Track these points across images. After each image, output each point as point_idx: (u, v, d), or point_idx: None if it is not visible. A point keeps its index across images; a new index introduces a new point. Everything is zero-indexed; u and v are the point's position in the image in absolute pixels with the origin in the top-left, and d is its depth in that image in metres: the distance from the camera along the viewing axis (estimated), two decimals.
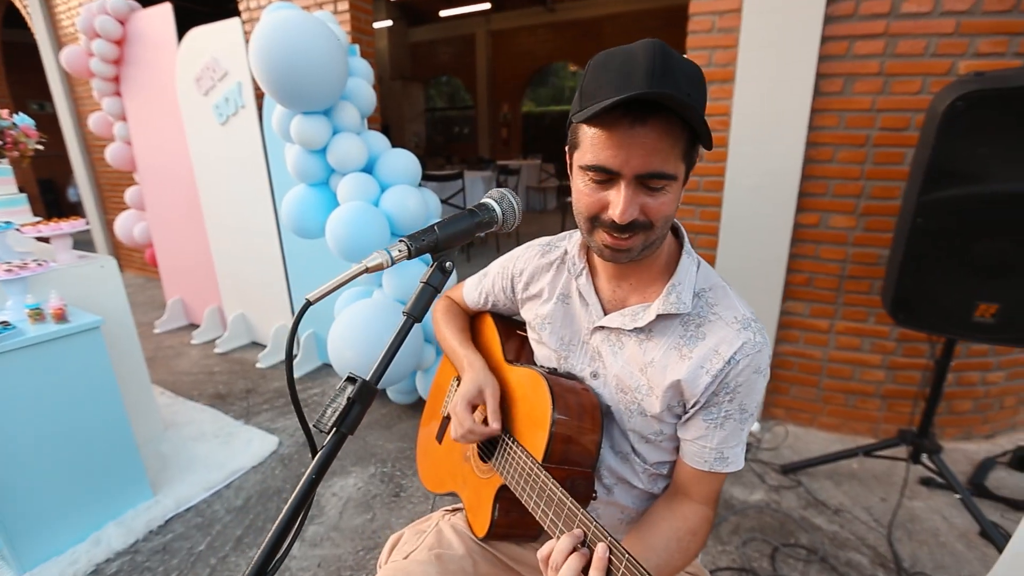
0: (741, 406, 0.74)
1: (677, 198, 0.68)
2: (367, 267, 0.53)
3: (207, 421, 2.52)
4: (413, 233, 0.58)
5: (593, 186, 0.67)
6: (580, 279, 0.83)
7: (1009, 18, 1.76)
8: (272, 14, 1.79)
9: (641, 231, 0.67)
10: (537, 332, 0.91)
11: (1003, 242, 1.39)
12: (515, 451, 0.80)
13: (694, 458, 0.77)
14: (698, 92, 0.63)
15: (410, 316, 0.57)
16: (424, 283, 0.59)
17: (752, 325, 0.73)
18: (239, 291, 3.39)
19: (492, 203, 0.65)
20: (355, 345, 1.95)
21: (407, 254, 0.56)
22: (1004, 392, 2.22)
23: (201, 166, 3.20)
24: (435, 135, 12.90)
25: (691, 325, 0.74)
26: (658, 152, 0.62)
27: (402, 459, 2.23)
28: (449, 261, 0.60)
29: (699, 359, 0.72)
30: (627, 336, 0.78)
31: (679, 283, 0.75)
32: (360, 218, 1.90)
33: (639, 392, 0.77)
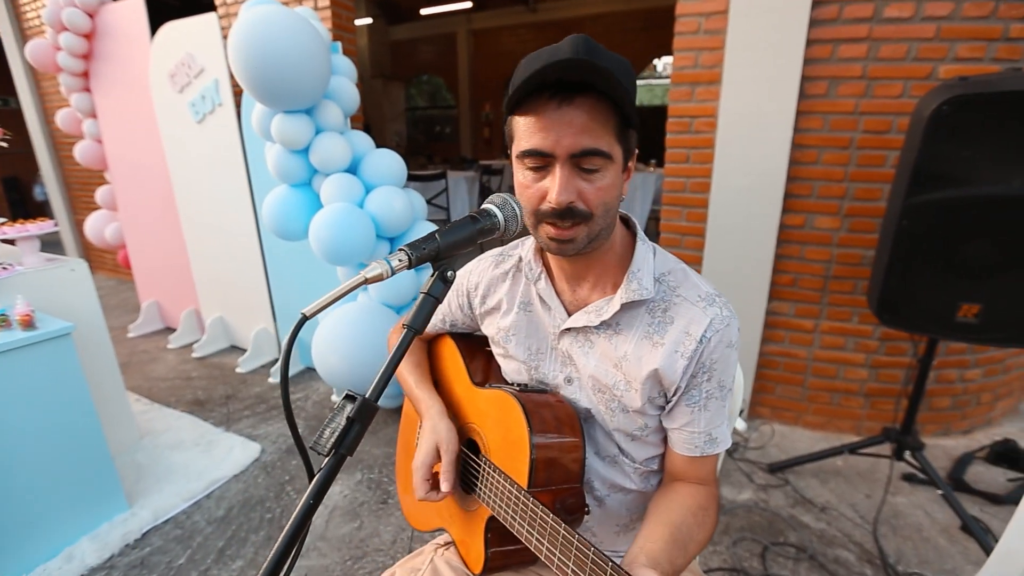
0: (720, 383, 0.74)
1: (616, 185, 0.68)
2: (366, 278, 0.50)
3: (185, 428, 2.44)
4: (413, 241, 0.55)
5: (531, 176, 0.67)
6: (539, 283, 0.82)
7: (987, 24, 1.80)
8: (252, 9, 1.74)
9: (582, 221, 0.67)
10: (502, 346, 0.88)
11: (985, 244, 1.42)
12: (497, 479, 0.76)
13: (684, 446, 0.77)
14: (626, 78, 0.64)
15: (411, 329, 0.54)
16: (425, 294, 0.56)
17: (717, 300, 0.73)
18: (218, 293, 3.30)
19: (494, 209, 0.62)
20: (340, 350, 1.90)
21: (407, 264, 0.53)
22: (981, 389, 2.28)
23: (177, 165, 3.10)
24: (416, 134, 12.79)
25: (657, 311, 0.74)
26: (588, 130, 0.62)
27: (389, 464, 2.19)
28: (451, 270, 0.57)
29: (672, 344, 0.72)
30: (595, 333, 0.77)
31: (638, 269, 0.75)
32: (345, 220, 1.86)
33: (617, 388, 0.76)
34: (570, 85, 0.62)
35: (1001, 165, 1.35)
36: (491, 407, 0.83)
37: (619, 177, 0.69)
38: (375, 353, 1.93)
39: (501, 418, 0.79)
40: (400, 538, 1.79)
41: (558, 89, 0.63)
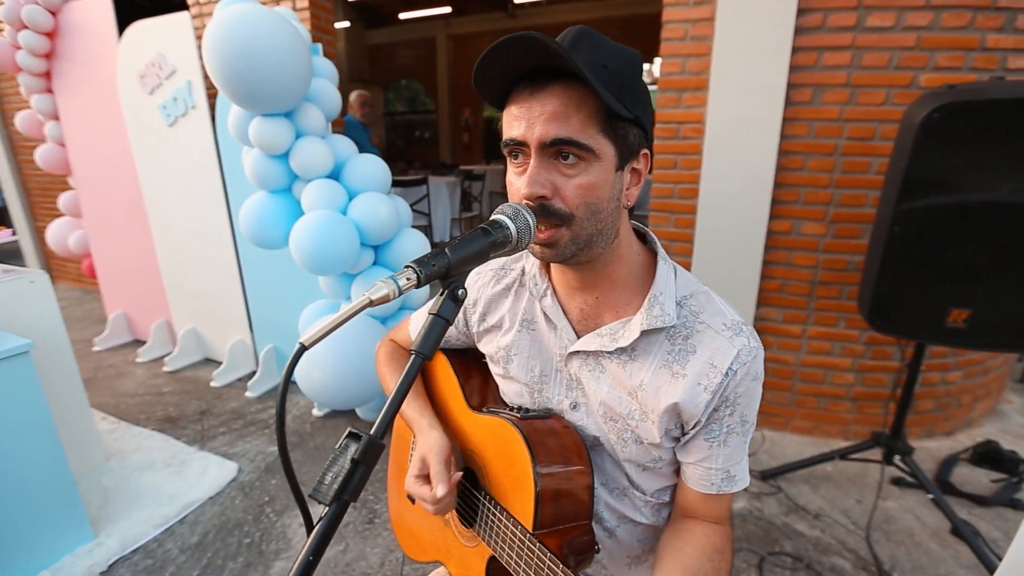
0: (743, 418, 0.69)
1: (605, 185, 0.62)
2: (371, 300, 0.44)
3: (156, 448, 2.31)
4: (422, 257, 0.49)
5: (513, 170, 0.64)
6: (545, 300, 0.76)
7: (965, 34, 1.84)
8: (229, 8, 1.66)
9: (563, 222, 0.62)
10: (502, 366, 0.82)
11: (974, 250, 1.43)
12: (499, 519, 0.71)
13: (699, 482, 0.71)
14: (623, 67, 0.61)
15: (419, 354, 0.49)
16: (435, 315, 0.51)
17: (744, 329, 0.68)
18: (190, 304, 3.16)
19: (505, 220, 0.57)
20: (323, 364, 1.82)
21: (416, 282, 0.48)
22: (962, 391, 2.32)
23: (146, 170, 2.96)
24: (395, 139, 12.67)
25: (678, 338, 0.68)
26: (561, 117, 0.58)
27: (375, 481, 2.10)
28: (461, 288, 0.52)
29: (694, 376, 0.66)
30: (608, 358, 0.71)
31: (660, 293, 0.68)
32: (328, 228, 1.78)
33: (632, 419, 0.70)
34: (547, 72, 0.60)
35: (989, 172, 1.36)
36: (490, 436, 0.77)
37: (609, 176, 0.62)
38: (360, 367, 1.85)
39: (502, 448, 0.73)
40: (388, 560, 1.71)
41: (536, 77, 0.60)
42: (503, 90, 0.65)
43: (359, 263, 1.97)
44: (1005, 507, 1.92)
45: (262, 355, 2.85)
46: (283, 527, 1.86)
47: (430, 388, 0.95)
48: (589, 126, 0.59)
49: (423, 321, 0.98)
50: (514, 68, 0.61)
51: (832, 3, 1.89)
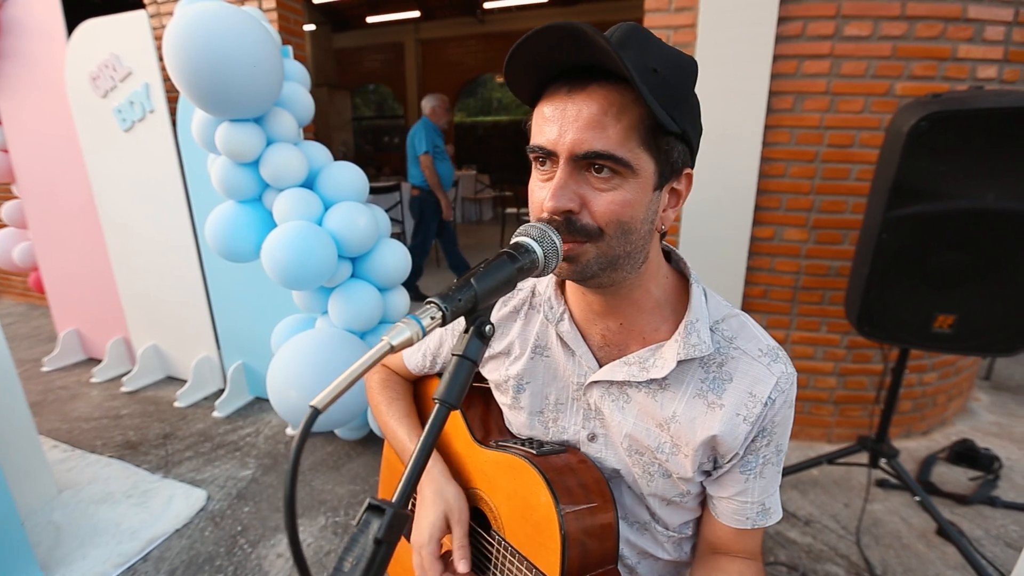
0: (778, 447, 0.65)
1: (640, 204, 0.56)
2: (392, 346, 0.37)
3: (115, 477, 2.14)
4: (445, 291, 0.42)
5: (540, 180, 0.58)
6: (562, 325, 0.69)
7: (937, 44, 1.89)
8: (192, 6, 1.54)
9: (589, 238, 0.56)
10: (511, 395, 0.75)
11: (960, 256, 1.45)
12: (518, 567, 0.64)
13: (733, 517, 0.67)
14: (675, 73, 0.55)
15: (444, 403, 0.42)
16: (461, 356, 0.44)
17: (780, 355, 0.64)
18: (151, 319, 2.97)
19: (531, 243, 0.51)
20: (301, 384, 1.71)
21: (441, 320, 0.41)
22: (937, 391, 2.37)
23: (100, 177, 2.77)
24: (363, 144, 12.45)
25: (712, 366, 0.64)
26: (598, 126, 0.52)
27: (356, 504, 2.00)
28: (489, 324, 0.45)
29: (733, 406, 0.62)
30: (635, 388, 0.66)
31: (696, 319, 0.63)
32: (303, 240, 1.68)
33: (661, 452, 0.65)
34: (588, 71, 0.53)
35: (975, 180, 1.38)
36: (502, 474, 0.70)
37: (645, 195, 0.56)
38: None
39: (517, 489, 0.67)
40: None
41: (571, 75, 0.54)
42: (536, 86, 0.57)
43: (336, 276, 1.87)
44: (984, 505, 1.97)
45: (230, 372, 2.70)
46: (258, 559, 1.73)
47: (426, 417, 0.88)
48: (629, 138, 0.53)
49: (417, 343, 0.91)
50: (551, 61, 0.54)
51: (812, 12, 1.91)
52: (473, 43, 10.42)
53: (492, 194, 8.91)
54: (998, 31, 1.88)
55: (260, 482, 2.13)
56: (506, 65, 0.54)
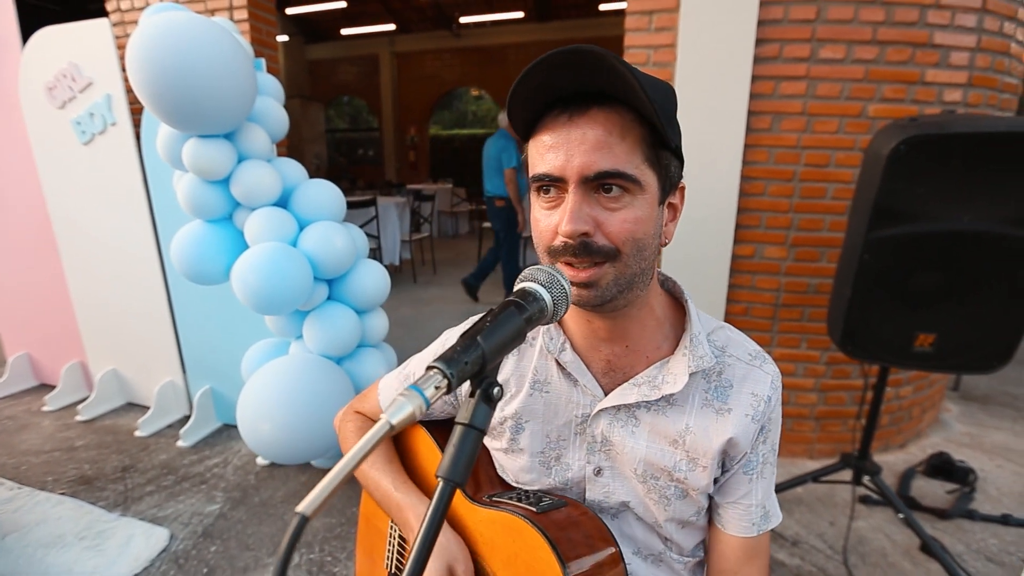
0: (773, 445, 0.68)
1: (650, 220, 0.57)
2: (392, 425, 0.32)
3: (67, 517, 1.98)
4: (449, 353, 0.37)
5: (544, 207, 0.59)
6: (564, 355, 0.67)
7: (906, 68, 1.94)
8: (158, 16, 1.46)
9: (606, 259, 0.56)
10: (508, 438, 0.72)
11: (939, 276, 1.47)
12: None
13: (739, 524, 0.67)
14: (661, 94, 0.56)
15: (450, 481, 0.37)
16: (467, 425, 0.39)
17: (765, 356, 0.69)
18: (110, 342, 2.80)
19: (539, 290, 0.47)
20: (273, 416, 1.61)
21: (447, 388, 0.36)
22: (912, 404, 2.42)
23: (56, 193, 2.62)
24: (337, 157, 12.29)
25: (712, 375, 0.66)
26: (604, 146, 0.53)
27: (332, 539, 1.89)
28: (497, 386, 0.41)
29: (741, 408, 0.64)
30: (643, 409, 0.65)
31: (698, 332, 0.66)
32: (277, 262, 1.59)
33: (678, 471, 0.64)
34: (584, 97, 0.54)
35: (951, 202, 1.40)
36: (499, 535, 0.65)
37: (653, 210, 0.58)
38: (318, 420, 1.66)
39: (518, 553, 0.61)
40: None
41: (570, 102, 0.55)
42: (531, 117, 0.57)
43: (312, 299, 1.79)
44: (963, 518, 2.00)
45: (197, 398, 2.56)
46: None
47: (411, 469, 0.81)
48: (634, 155, 0.55)
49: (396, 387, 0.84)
50: (552, 89, 0.54)
51: (788, 35, 1.94)
52: (449, 56, 10.46)
53: (468, 207, 8.87)
54: (963, 56, 1.95)
55: (228, 517, 2.00)
56: (510, 98, 0.54)
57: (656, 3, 2.04)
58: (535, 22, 9.26)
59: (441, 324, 4.24)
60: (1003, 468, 2.33)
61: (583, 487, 0.69)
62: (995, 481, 2.23)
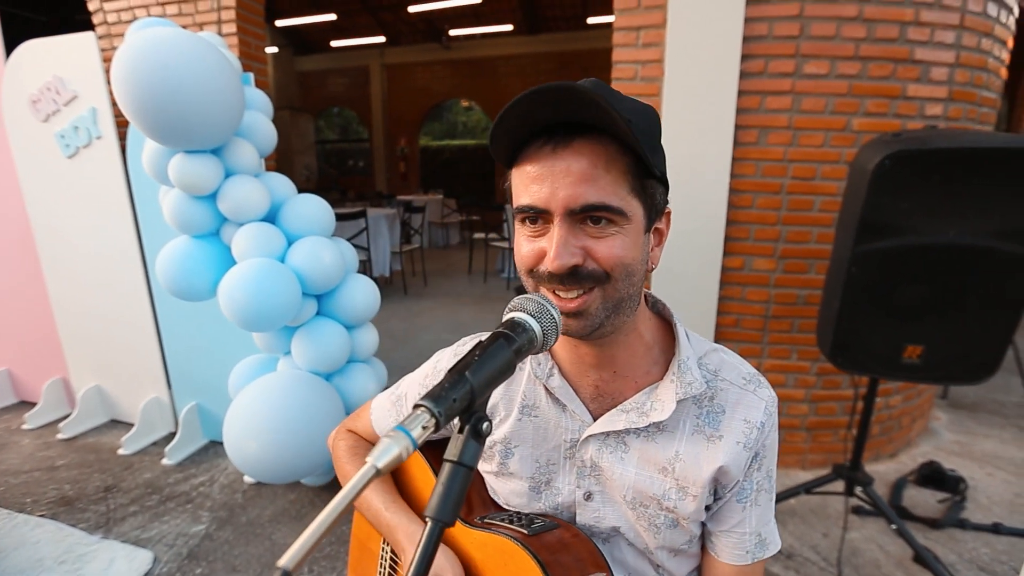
0: (768, 472, 0.67)
1: (637, 247, 0.57)
2: (378, 468, 0.31)
3: (46, 541, 1.93)
4: (436, 390, 0.36)
5: (527, 235, 0.58)
6: (552, 380, 0.67)
7: (888, 83, 1.98)
8: (145, 32, 1.45)
9: (595, 284, 0.56)
10: (498, 462, 0.71)
11: (925, 289, 1.48)
12: None
13: (733, 552, 0.66)
14: (645, 121, 0.56)
15: (439, 522, 0.36)
16: (455, 463, 0.38)
17: (761, 380, 0.67)
18: (94, 358, 2.75)
19: (528, 320, 0.47)
20: (260, 434, 1.59)
21: (435, 427, 0.35)
22: (902, 413, 2.43)
23: (39, 206, 2.58)
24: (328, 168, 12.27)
25: (704, 401, 0.65)
26: (590, 179, 0.53)
27: (322, 559, 1.85)
28: (486, 421, 0.40)
29: (733, 436, 0.63)
30: (633, 435, 0.64)
31: (687, 357, 0.64)
32: (264, 279, 1.57)
33: (667, 499, 0.63)
34: (568, 127, 0.54)
35: (936, 216, 1.42)
36: (490, 558, 0.64)
37: (639, 238, 0.57)
38: (306, 437, 1.63)
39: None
40: None
41: (554, 132, 0.54)
42: (514, 147, 0.57)
43: (301, 315, 1.77)
44: (954, 528, 2.00)
45: (183, 414, 2.51)
46: None
47: (404, 490, 0.80)
48: (620, 186, 0.54)
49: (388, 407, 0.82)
50: (534, 121, 0.53)
51: (772, 50, 1.97)
52: (439, 68, 10.52)
53: (459, 219, 8.87)
54: (942, 72, 1.99)
55: (214, 538, 1.96)
56: (492, 132, 0.54)
57: (644, 19, 2.07)
58: (525, 35, 9.35)
59: (432, 337, 4.21)
60: (993, 476, 2.34)
61: (573, 511, 0.68)
62: (985, 489, 2.24)
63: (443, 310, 5.00)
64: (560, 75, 9.37)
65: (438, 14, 8.89)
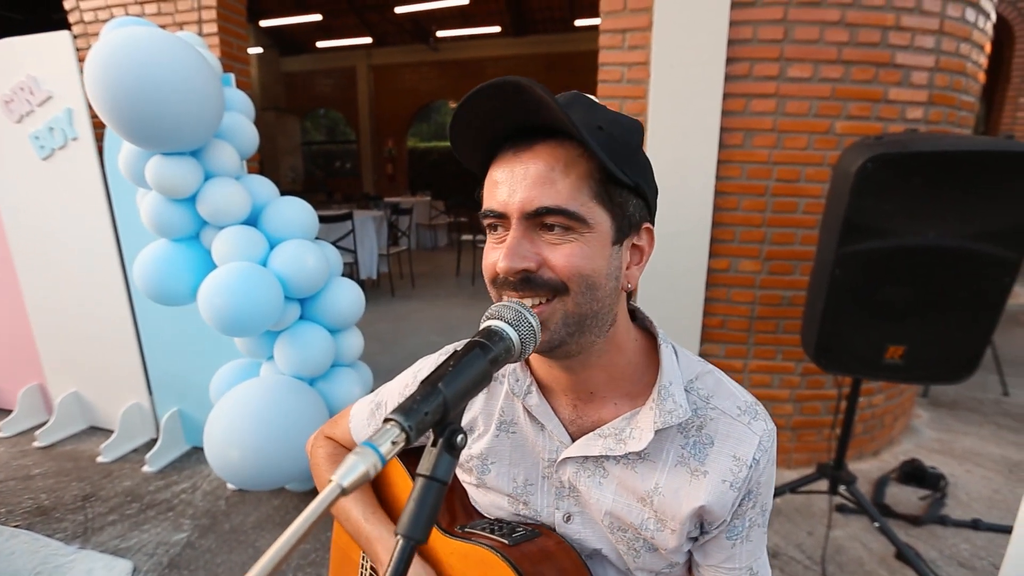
0: (763, 507, 0.62)
1: (600, 257, 0.54)
2: (344, 488, 0.30)
3: (21, 552, 1.87)
4: (407, 403, 0.35)
5: (493, 245, 0.57)
6: (530, 398, 0.64)
7: (870, 87, 2.00)
8: (120, 31, 1.42)
9: (554, 293, 0.53)
10: (476, 475, 0.70)
11: (907, 290, 1.50)
12: None
13: None
14: (620, 130, 0.55)
15: (410, 539, 0.34)
16: (428, 478, 0.36)
17: (759, 411, 0.61)
18: (71, 363, 2.69)
19: (505, 329, 0.45)
20: (242, 442, 1.55)
21: (405, 442, 0.34)
22: (885, 412, 2.47)
23: (13, 209, 2.52)
24: (314, 169, 12.16)
25: (691, 429, 0.60)
26: (546, 182, 0.51)
27: (307, 566, 1.83)
28: (460, 434, 0.39)
29: (718, 473, 0.58)
30: (612, 461, 0.61)
31: (669, 383, 0.59)
32: (245, 283, 1.54)
33: (646, 529, 0.61)
34: (532, 132, 0.53)
35: (917, 218, 1.44)
36: (471, 569, 0.62)
37: (604, 250, 0.54)
38: (288, 444, 1.60)
39: None
40: None
41: (518, 138, 0.54)
42: (485, 155, 0.56)
43: (284, 319, 1.74)
44: (935, 524, 2.03)
45: (164, 420, 2.46)
46: None
47: (384, 497, 0.79)
48: (579, 191, 0.52)
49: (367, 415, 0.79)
50: (495, 128, 0.52)
51: (757, 54, 1.99)
52: (426, 70, 10.48)
53: (447, 220, 8.84)
54: (923, 76, 2.02)
55: (196, 546, 1.92)
56: (451, 129, 0.54)
57: (630, 22, 2.07)
58: (512, 36, 9.35)
59: (419, 339, 4.19)
60: (972, 473, 2.38)
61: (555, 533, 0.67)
62: (965, 486, 2.28)
63: (431, 312, 4.97)
64: (547, 77, 9.38)
65: (425, 15, 8.85)
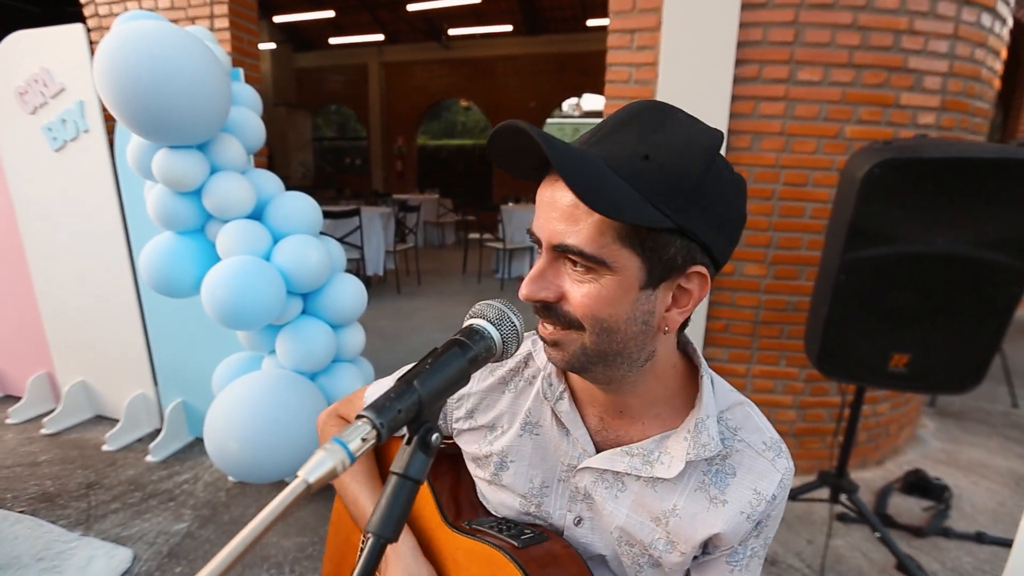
0: (766, 540, 0.63)
1: (622, 300, 0.51)
2: (309, 484, 0.30)
3: (24, 537, 1.90)
4: (381, 400, 0.35)
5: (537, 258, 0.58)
6: (561, 404, 0.64)
7: (882, 91, 1.98)
8: (129, 24, 1.43)
9: (570, 327, 0.53)
10: (491, 472, 0.69)
11: (913, 297, 1.48)
12: None
13: None
14: (678, 157, 0.49)
15: (380, 537, 0.34)
16: (401, 475, 0.36)
17: (782, 449, 0.61)
18: (79, 353, 2.72)
19: (487, 328, 0.45)
20: (242, 435, 1.57)
21: (376, 439, 0.34)
22: (889, 421, 2.43)
23: (25, 200, 2.55)
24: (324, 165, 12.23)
25: (716, 458, 0.60)
26: (571, 218, 0.49)
27: (303, 559, 1.84)
28: (435, 433, 0.38)
29: (737, 504, 0.59)
30: (632, 478, 0.62)
31: (706, 416, 0.58)
32: (248, 277, 1.55)
33: (654, 548, 0.61)
34: None
35: (925, 224, 1.42)
36: (476, 566, 0.63)
37: (628, 294, 0.51)
38: (288, 437, 1.61)
39: None
40: None
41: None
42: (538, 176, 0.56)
43: (286, 313, 1.75)
44: (938, 536, 2.00)
45: (168, 411, 2.49)
46: None
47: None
48: (603, 233, 0.48)
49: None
50: (523, 162, 0.53)
51: (767, 56, 1.97)
52: (437, 67, 10.50)
53: (455, 218, 8.86)
54: (935, 81, 1.99)
55: (196, 536, 1.94)
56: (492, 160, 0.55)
57: (638, 23, 2.06)
58: (524, 35, 9.34)
59: (424, 337, 4.20)
60: (978, 485, 2.35)
61: (562, 534, 0.67)
62: (970, 498, 2.25)
63: (436, 310, 4.98)
64: (558, 76, 9.37)
65: (437, 13, 8.87)
